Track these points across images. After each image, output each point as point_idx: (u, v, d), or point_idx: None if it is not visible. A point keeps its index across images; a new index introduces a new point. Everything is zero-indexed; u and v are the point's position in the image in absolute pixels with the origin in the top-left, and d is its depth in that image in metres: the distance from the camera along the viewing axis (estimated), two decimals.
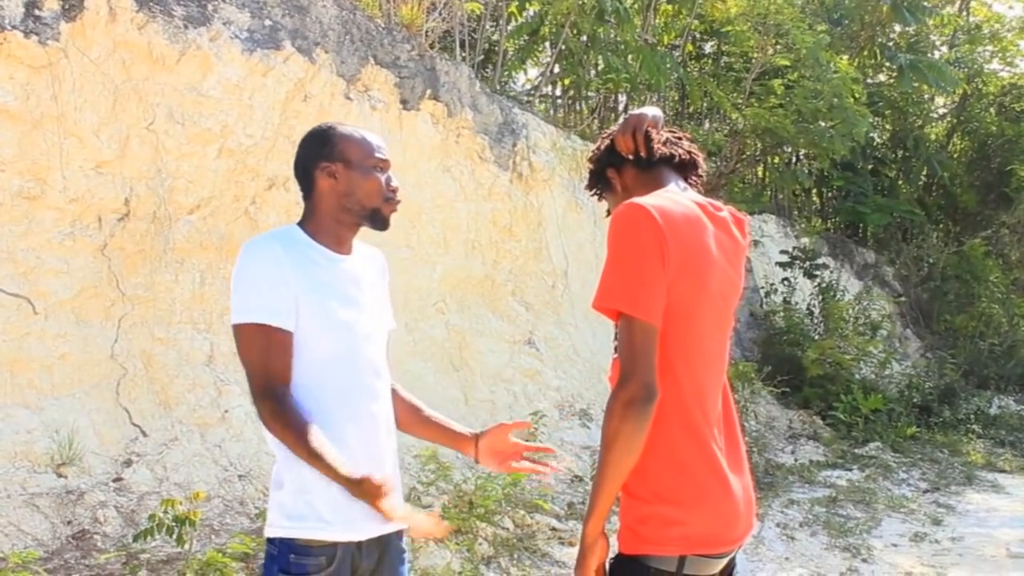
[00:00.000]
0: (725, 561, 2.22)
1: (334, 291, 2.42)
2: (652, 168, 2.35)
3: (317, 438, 2.28)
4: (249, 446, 5.78)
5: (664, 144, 2.37)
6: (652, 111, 2.40)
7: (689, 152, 2.39)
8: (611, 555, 2.19)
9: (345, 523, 2.36)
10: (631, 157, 2.35)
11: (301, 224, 2.51)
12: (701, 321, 2.18)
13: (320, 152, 2.51)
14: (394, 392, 2.68)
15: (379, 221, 2.51)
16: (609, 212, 2.47)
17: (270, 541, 2.38)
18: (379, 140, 2.57)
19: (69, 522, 4.79)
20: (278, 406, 2.30)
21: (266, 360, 2.33)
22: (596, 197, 2.52)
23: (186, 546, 4.56)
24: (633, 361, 2.04)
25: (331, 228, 2.49)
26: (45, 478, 4.90)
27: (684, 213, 2.17)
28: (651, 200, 2.15)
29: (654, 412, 2.03)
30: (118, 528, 4.89)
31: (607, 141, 2.44)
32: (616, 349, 2.16)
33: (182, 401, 5.68)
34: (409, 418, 2.73)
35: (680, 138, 2.42)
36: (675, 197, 2.23)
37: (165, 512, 4.56)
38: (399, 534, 2.57)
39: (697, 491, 2.13)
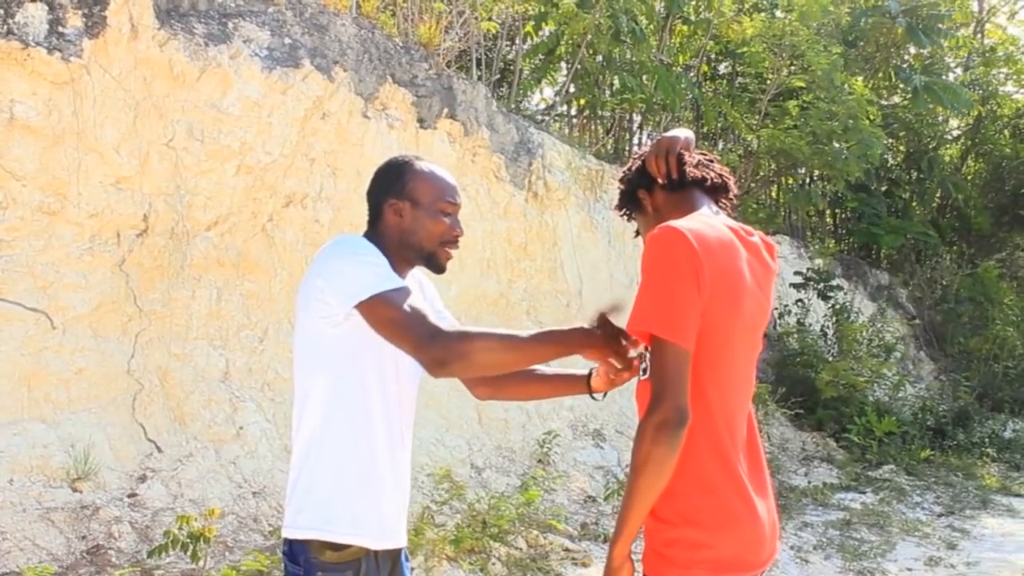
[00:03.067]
0: None
1: None
2: (683, 190, 2.34)
3: (514, 333, 2.34)
4: (264, 463, 5.78)
5: (696, 167, 2.36)
6: (684, 133, 2.39)
7: (720, 175, 2.39)
8: None
9: (377, 531, 2.42)
10: (662, 181, 2.35)
11: (369, 239, 2.53)
12: (733, 345, 2.17)
13: (392, 187, 2.54)
14: None
15: (434, 265, 2.56)
16: (638, 233, 2.47)
17: (297, 544, 2.39)
18: (452, 182, 2.59)
19: (84, 537, 4.79)
20: (454, 335, 2.30)
21: (422, 310, 2.33)
22: (626, 217, 2.52)
23: (200, 563, 4.56)
24: (665, 384, 2.03)
25: (392, 257, 2.50)
26: (60, 493, 4.91)
27: (719, 237, 2.17)
28: (686, 223, 2.14)
29: (685, 436, 2.03)
30: (132, 544, 4.89)
31: (638, 162, 2.44)
32: (644, 371, 2.16)
33: (197, 417, 5.69)
34: (521, 384, 2.75)
35: (712, 161, 2.42)
36: (709, 221, 2.22)
37: (180, 528, 4.56)
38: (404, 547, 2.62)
39: (725, 515, 2.12)
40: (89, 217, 5.36)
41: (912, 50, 16.11)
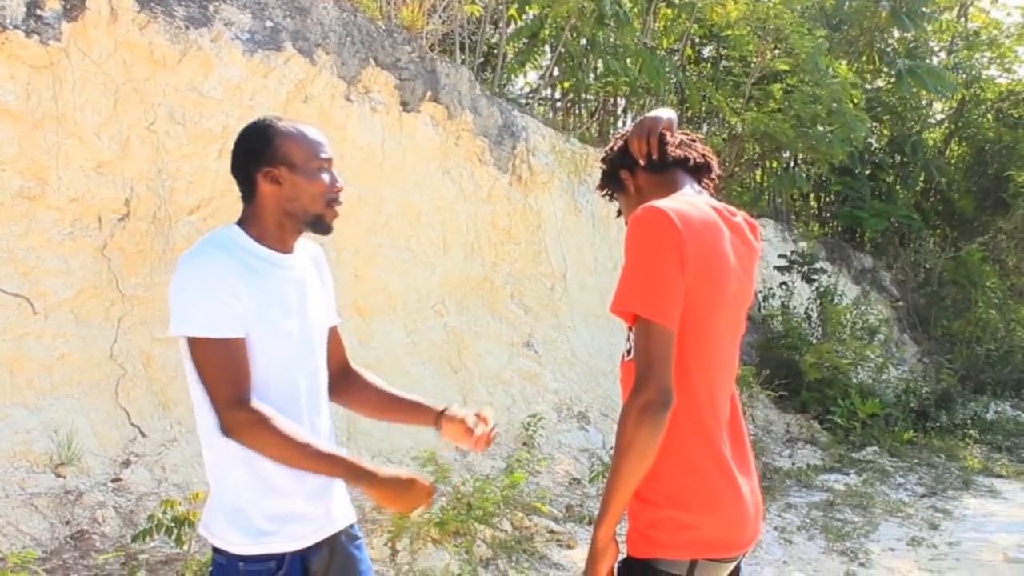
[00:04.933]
0: (733, 565, 2.22)
1: (277, 298, 2.35)
2: (666, 170, 2.33)
3: (315, 442, 2.29)
4: None
5: (678, 147, 2.35)
6: (667, 113, 2.38)
7: (703, 155, 2.38)
8: (619, 558, 2.18)
9: (285, 533, 2.33)
10: (643, 162, 2.34)
11: (241, 225, 2.40)
12: (716, 326, 2.17)
13: (262, 155, 2.36)
14: (361, 379, 2.69)
15: (321, 227, 2.42)
16: (620, 213, 2.46)
17: (216, 550, 2.35)
18: (321, 136, 2.43)
19: (68, 522, 4.78)
20: (252, 417, 2.24)
21: (234, 371, 2.25)
22: (608, 198, 2.50)
23: (185, 547, 4.54)
24: (650, 365, 2.01)
25: (274, 232, 2.39)
26: (44, 478, 4.89)
27: (702, 217, 2.16)
28: (670, 203, 2.13)
29: (669, 417, 2.02)
30: (116, 528, 4.88)
31: (620, 142, 2.42)
32: (628, 352, 2.15)
33: (181, 402, 5.65)
34: (379, 403, 2.75)
35: (694, 140, 2.41)
36: (692, 201, 2.21)
37: (164, 513, 4.54)
38: (349, 525, 2.53)
39: (709, 495, 2.13)
40: (70, 202, 5.32)
41: (896, 34, 16.11)
